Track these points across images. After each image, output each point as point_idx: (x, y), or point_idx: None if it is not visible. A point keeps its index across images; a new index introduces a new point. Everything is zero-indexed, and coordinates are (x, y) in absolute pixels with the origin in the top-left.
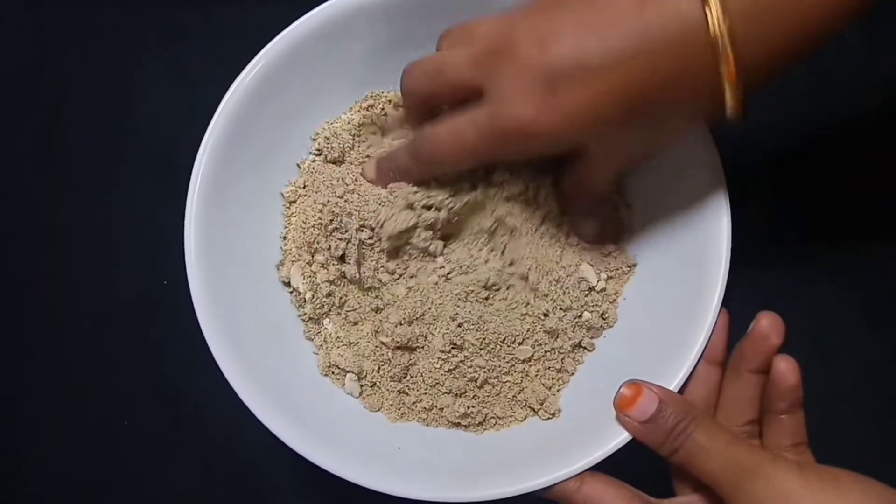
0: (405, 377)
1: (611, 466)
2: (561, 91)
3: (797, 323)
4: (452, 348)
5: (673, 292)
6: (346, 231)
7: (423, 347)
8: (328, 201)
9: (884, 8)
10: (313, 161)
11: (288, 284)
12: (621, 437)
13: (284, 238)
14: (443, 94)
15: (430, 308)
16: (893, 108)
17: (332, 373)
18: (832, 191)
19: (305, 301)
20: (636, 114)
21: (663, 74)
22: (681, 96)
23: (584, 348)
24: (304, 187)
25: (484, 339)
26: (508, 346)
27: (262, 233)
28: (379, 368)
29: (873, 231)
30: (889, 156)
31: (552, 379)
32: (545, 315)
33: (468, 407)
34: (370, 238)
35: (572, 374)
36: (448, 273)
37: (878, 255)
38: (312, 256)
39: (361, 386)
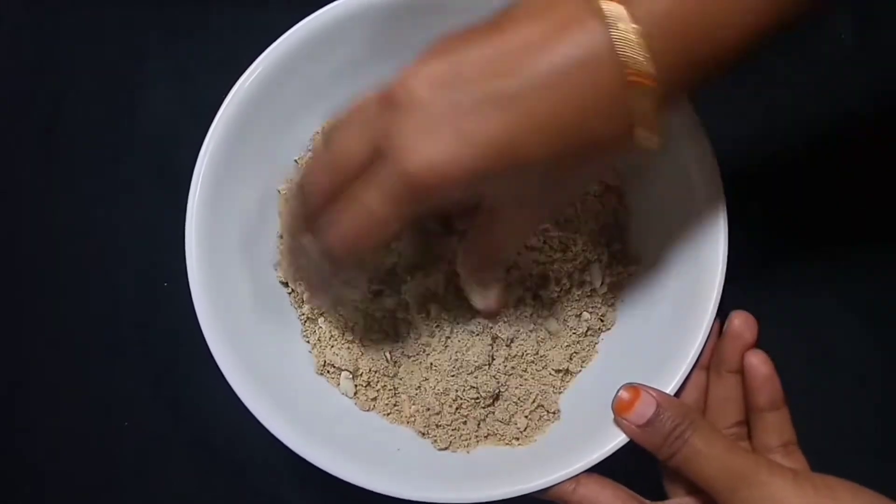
0: (402, 377)
1: (609, 468)
2: (470, 122)
3: (797, 325)
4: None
5: (670, 296)
6: None
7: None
8: None
9: (882, 14)
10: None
11: (286, 284)
12: (619, 440)
13: (281, 237)
14: (346, 181)
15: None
16: (891, 111)
17: (328, 371)
18: (830, 193)
19: (304, 301)
20: (553, 145)
21: (578, 102)
22: (597, 125)
23: (584, 350)
24: None
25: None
26: (508, 347)
27: (261, 232)
28: (374, 368)
29: (872, 233)
30: (887, 158)
31: (551, 380)
32: (546, 317)
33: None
34: None
35: (572, 375)
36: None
37: (877, 256)
38: None
39: (356, 385)
